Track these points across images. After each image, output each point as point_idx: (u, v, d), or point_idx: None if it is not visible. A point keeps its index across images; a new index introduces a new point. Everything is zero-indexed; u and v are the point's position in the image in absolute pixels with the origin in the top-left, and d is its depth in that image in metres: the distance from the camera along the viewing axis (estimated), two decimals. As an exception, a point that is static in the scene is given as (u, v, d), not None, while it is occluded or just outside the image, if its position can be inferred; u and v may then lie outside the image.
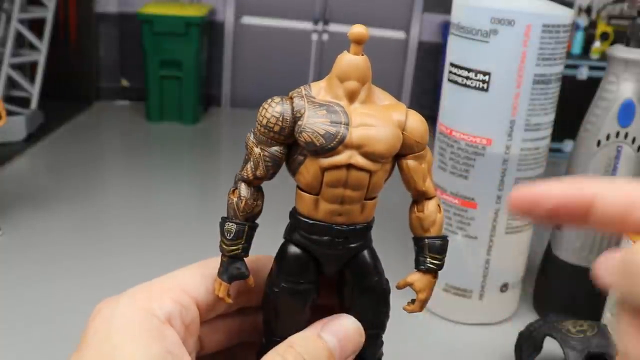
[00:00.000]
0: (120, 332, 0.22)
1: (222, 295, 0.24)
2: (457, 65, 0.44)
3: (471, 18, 0.42)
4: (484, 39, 0.42)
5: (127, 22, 0.92)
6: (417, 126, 0.24)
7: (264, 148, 0.23)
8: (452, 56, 0.45)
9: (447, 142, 0.45)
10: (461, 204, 0.45)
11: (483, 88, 0.42)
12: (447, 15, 0.94)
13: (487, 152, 0.43)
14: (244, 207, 0.24)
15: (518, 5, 0.41)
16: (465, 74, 0.43)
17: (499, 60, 0.42)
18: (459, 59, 0.44)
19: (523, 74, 0.42)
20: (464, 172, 0.45)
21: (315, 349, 0.23)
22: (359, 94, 0.23)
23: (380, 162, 0.23)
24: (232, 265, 0.24)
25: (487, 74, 0.42)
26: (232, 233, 0.24)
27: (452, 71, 0.44)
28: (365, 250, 0.25)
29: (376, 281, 0.25)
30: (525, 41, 0.41)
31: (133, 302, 0.23)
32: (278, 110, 0.23)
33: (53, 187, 0.65)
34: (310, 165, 0.23)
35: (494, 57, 0.42)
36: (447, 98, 0.45)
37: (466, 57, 0.43)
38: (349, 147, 0.22)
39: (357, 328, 0.25)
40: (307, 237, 0.24)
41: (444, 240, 0.25)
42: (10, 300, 0.46)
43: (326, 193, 0.23)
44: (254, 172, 0.24)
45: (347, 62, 0.24)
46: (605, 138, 0.43)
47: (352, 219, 0.24)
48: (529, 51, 0.41)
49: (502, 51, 0.41)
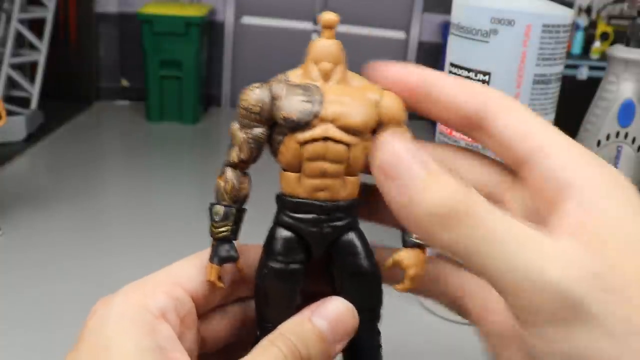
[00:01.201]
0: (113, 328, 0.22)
1: (213, 278, 0.25)
2: (457, 65, 0.44)
3: (471, 18, 0.42)
4: (484, 39, 0.42)
5: (127, 22, 0.92)
6: (393, 104, 0.25)
7: (247, 131, 0.24)
8: (452, 56, 0.45)
9: (447, 142, 0.45)
10: None
11: None
12: (447, 15, 0.94)
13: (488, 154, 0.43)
14: (230, 189, 0.25)
15: (518, 5, 0.41)
16: (465, 74, 0.43)
17: (499, 60, 0.42)
18: (459, 59, 0.44)
19: (523, 74, 0.42)
20: None
21: (306, 334, 0.23)
22: (333, 74, 0.24)
23: (357, 136, 0.24)
24: (221, 248, 0.25)
25: (487, 74, 0.42)
26: (220, 215, 0.25)
27: (452, 71, 0.44)
28: (352, 232, 0.25)
29: (364, 264, 0.25)
30: (525, 41, 0.41)
31: (127, 299, 0.23)
32: (257, 93, 0.24)
33: (53, 187, 0.65)
34: (289, 143, 0.24)
35: (494, 57, 0.42)
36: None
37: (466, 57, 0.43)
38: (324, 121, 0.23)
39: (348, 309, 0.24)
40: (293, 216, 0.24)
41: None
42: (10, 300, 0.46)
43: (307, 168, 0.24)
44: (239, 155, 0.25)
45: (320, 45, 0.25)
46: (605, 138, 0.43)
47: (335, 195, 0.24)
48: (529, 51, 0.41)
49: (502, 51, 0.42)
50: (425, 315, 0.48)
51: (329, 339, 0.23)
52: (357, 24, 0.94)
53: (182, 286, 0.24)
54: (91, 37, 0.91)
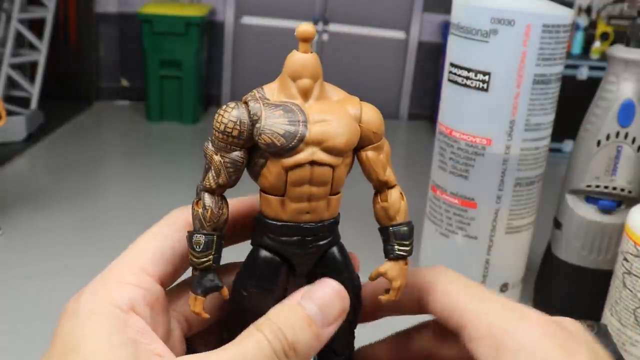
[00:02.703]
0: (83, 327, 0.22)
1: (198, 310, 0.24)
2: (457, 65, 0.44)
3: (471, 18, 0.42)
4: (484, 39, 0.42)
5: (127, 22, 0.92)
6: (373, 118, 0.24)
7: (224, 155, 0.23)
8: (452, 56, 0.45)
9: (447, 142, 0.45)
10: (461, 203, 0.45)
11: (483, 88, 0.42)
12: (447, 15, 0.94)
13: (487, 152, 0.44)
14: (210, 217, 0.23)
15: (518, 5, 0.41)
16: (465, 74, 0.43)
17: (499, 60, 0.42)
18: (459, 59, 0.44)
19: (523, 73, 0.42)
20: (464, 172, 0.45)
21: (294, 318, 0.22)
22: (312, 91, 0.23)
23: (342, 156, 0.23)
24: (205, 278, 0.24)
25: (487, 74, 0.42)
26: (201, 245, 0.23)
27: (452, 71, 0.44)
28: (334, 247, 0.25)
29: (347, 278, 0.25)
30: (525, 41, 0.41)
31: (94, 296, 0.23)
32: (235, 115, 0.22)
33: (53, 187, 0.65)
34: (273, 167, 0.23)
35: (494, 57, 0.42)
36: (447, 98, 0.45)
37: (466, 57, 0.43)
38: (310, 144, 0.22)
39: (339, 292, 0.24)
40: (277, 239, 0.24)
41: (410, 226, 0.26)
42: (10, 300, 0.46)
43: (292, 192, 0.23)
44: (216, 181, 0.23)
45: (297, 61, 0.24)
46: (605, 138, 0.43)
47: (319, 216, 0.24)
48: (529, 51, 0.41)
49: (502, 51, 0.41)
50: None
51: (318, 323, 0.23)
52: (357, 24, 0.94)
53: (147, 273, 0.24)
54: (91, 37, 0.91)
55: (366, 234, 0.29)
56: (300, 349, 0.22)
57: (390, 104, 0.97)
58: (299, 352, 0.22)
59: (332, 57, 0.94)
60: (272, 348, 0.22)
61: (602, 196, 0.45)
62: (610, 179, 0.44)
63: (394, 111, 0.96)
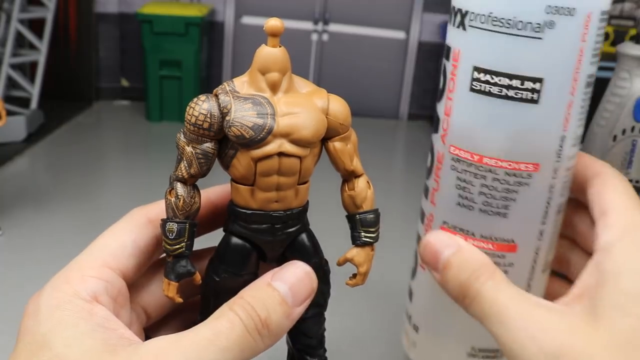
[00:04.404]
0: (48, 320, 0.22)
1: (171, 295, 0.25)
2: (488, 71, 0.32)
3: (515, 6, 0.32)
4: (536, 34, 0.31)
5: (127, 22, 0.92)
6: (340, 109, 0.25)
7: (195, 146, 0.24)
8: (476, 58, 0.33)
9: (475, 172, 0.33)
10: (497, 248, 0.34)
11: (532, 99, 0.32)
12: (447, 15, 0.94)
13: (533, 180, 0.33)
14: (182, 205, 0.25)
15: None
16: (504, 82, 0.32)
17: (555, 61, 0.32)
18: (493, 62, 0.32)
19: (578, 77, 0.32)
20: (502, 209, 0.33)
21: (266, 298, 0.23)
22: (280, 85, 0.24)
23: (309, 147, 0.24)
24: (178, 264, 0.25)
25: (539, 81, 0.31)
26: (174, 232, 0.24)
27: (479, 78, 0.32)
28: (303, 234, 0.26)
29: (316, 262, 0.26)
30: (584, 34, 0.32)
31: (55, 291, 0.23)
32: (205, 108, 0.24)
33: (53, 187, 0.65)
34: (242, 158, 0.24)
35: (549, 57, 0.31)
36: (471, 114, 0.33)
37: (506, 59, 0.32)
38: (278, 136, 0.23)
39: (308, 273, 0.25)
40: (247, 226, 0.25)
41: (376, 214, 0.27)
42: (10, 300, 0.46)
43: (261, 182, 0.24)
44: (188, 171, 0.24)
45: (266, 55, 0.25)
46: (621, 133, 0.44)
47: (288, 204, 0.25)
48: (586, 47, 0.32)
49: (559, 49, 0.31)
50: None
51: (289, 302, 0.24)
52: (357, 24, 0.94)
53: (109, 267, 0.24)
54: (91, 37, 0.91)
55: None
56: (273, 327, 0.23)
57: (390, 104, 0.97)
58: (272, 330, 0.23)
59: (332, 57, 0.94)
60: (245, 326, 0.22)
61: None
62: (625, 172, 0.45)
63: (394, 111, 0.96)
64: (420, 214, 0.36)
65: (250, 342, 0.22)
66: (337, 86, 0.94)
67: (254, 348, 0.22)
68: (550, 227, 0.34)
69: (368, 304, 0.48)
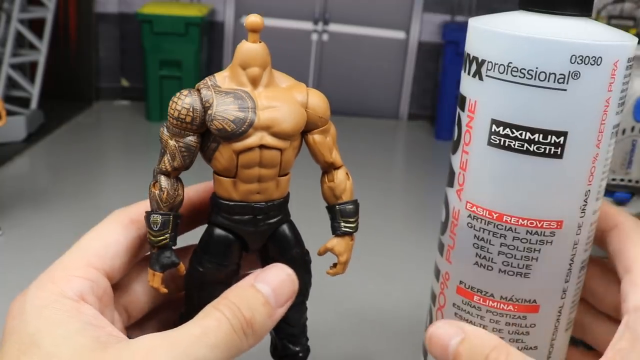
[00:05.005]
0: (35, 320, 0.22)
1: (156, 285, 0.25)
2: (508, 124, 0.30)
3: (539, 57, 0.29)
4: (560, 85, 0.29)
5: (127, 22, 0.92)
6: (319, 103, 0.26)
7: (178, 140, 0.25)
8: (493, 111, 0.30)
9: (494, 230, 0.31)
10: (518, 310, 0.32)
11: (556, 154, 0.30)
12: (447, 15, 0.94)
13: (556, 238, 0.31)
14: (166, 198, 0.25)
15: (607, 37, 0.29)
16: (526, 137, 0.30)
17: (580, 113, 0.30)
18: (514, 115, 0.30)
19: (604, 128, 0.30)
20: (524, 269, 0.31)
21: (250, 298, 0.24)
22: (261, 79, 0.25)
23: (289, 140, 0.25)
24: (163, 255, 0.25)
25: (563, 135, 0.30)
26: (158, 224, 0.25)
27: (498, 131, 0.30)
28: (285, 225, 0.27)
29: (297, 252, 0.27)
30: (611, 84, 0.29)
31: (42, 291, 0.23)
32: (188, 102, 0.24)
33: (53, 187, 0.65)
34: (224, 151, 0.24)
35: (573, 110, 0.29)
36: (489, 169, 0.31)
37: (528, 112, 0.30)
38: (259, 129, 0.24)
39: (289, 276, 0.25)
40: (229, 218, 0.25)
41: (355, 204, 0.28)
42: (10, 300, 0.46)
43: (243, 174, 0.24)
44: (171, 164, 0.25)
45: (246, 51, 0.25)
46: (621, 133, 0.45)
47: (269, 196, 0.25)
48: (612, 97, 0.30)
49: (584, 101, 0.29)
50: None
51: (272, 304, 0.24)
52: (357, 24, 0.94)
53: (94, 267, 0.25)
54: (91, 37, 0.91)
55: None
56: (257, 327, 0.23)
57: (390, 104, 0.97)
58: (256, 329, 0.23)
59: (332, 57, 0.94)
60: (231, 325, 0.23)
61: (617, 189, 0.46)
62: (625, 172, 0.45)
63: (394, 111, 0.96)
64: (434, 270, 0.34)
65: (236, 340, 0.23)
66: (337, 86, 0.94)
67: (239, 347, 0.23)
68: (574, 284, 0.32)
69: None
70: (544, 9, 0.30)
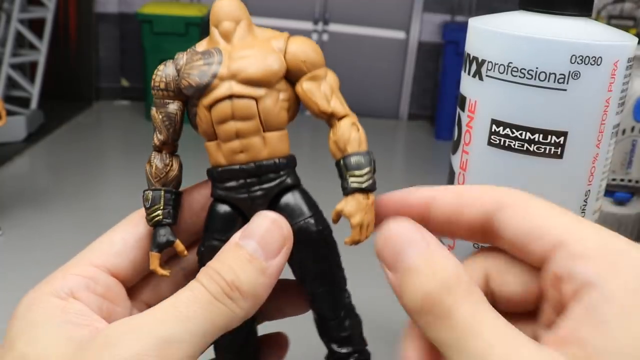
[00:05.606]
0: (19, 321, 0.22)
1: (154, 267, 0.24)
2: (508, 124, 0.30)
3: (538, 57, 0.29)
4: (560, 85, 0.29)
5: (127, 22, 0.92)
6: (301, 47, 0.24)
7: (160, 111, 0.24)
8: (493, 111, 0.31)
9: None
10: None
11: (556, 154, 0.30)
12: (447, 15, 0.94)
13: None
14: (155, 172, 0.25)
15: (607, 37, 0.30)
16: (526, 137, 0.30)
17: (580, 113, 0.30)
18: (514, 115, 0.30)
19: (604, 128, 0.30)
20: None
21: (231, 258, 0.22)
22: (234, 33, 0.24)
23: (262, 87, 0.23)
24: (158, 234, 0.25)
25: (563, 135, 0.30)
26: (149, 200, 0.25)
27: (498, 132, 0.31)
28: (289, 193, 0.24)
29: (305, 222, 0.23)
30: (611, 84, 0.30)
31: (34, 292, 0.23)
32: (161, 69, 0.24)
33: (53, 187, 0.65)
34: (200, 111, 0.24)
35: (573, 110, 0.30)
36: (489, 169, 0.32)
37: (529, 112, 0.30)
38: (226, 79, 0.23)
39: (275, 221, 0.23)
40: (222, 186, 0.24)
41: (362, 155, 0.23)
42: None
43: (220, 131, 0.23)
44: (159, 138, 0.25)
45: (217, 7, 0.24)
46: (621, 133, 0.45)
47: (255, 154, 0.23)
48: (612, 97, 0.30)
49: (584, 101, 0.30)
50: None
51: (260, 257, 0.22)
52: (357, 24, 0.94)
53: (94, 265, 0.24)
54: (91, 37, 0.91)
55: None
56: (246, 288, 0.21)
57: (390, 104, 0.97)
58: (245, 290, 0.21)
59: (332, 57, 0.94)
60: (208, 292, 0.21)
61: (617, 189, 0.46)
62: (625, 172, 0.45)
63: (394, 111, 0.96)
64: None
65: (221, 309, 0.21)
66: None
67: (229, 315, 0.21)
68: None
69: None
70: (544, 9, 0.30)
